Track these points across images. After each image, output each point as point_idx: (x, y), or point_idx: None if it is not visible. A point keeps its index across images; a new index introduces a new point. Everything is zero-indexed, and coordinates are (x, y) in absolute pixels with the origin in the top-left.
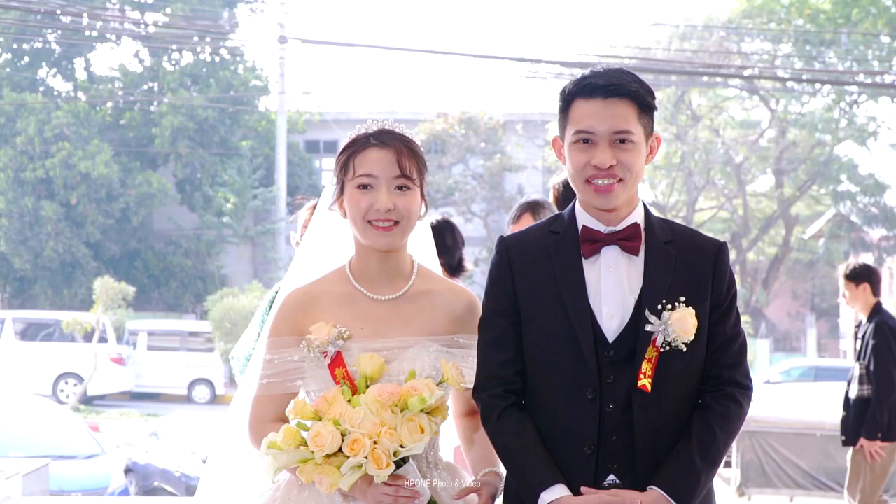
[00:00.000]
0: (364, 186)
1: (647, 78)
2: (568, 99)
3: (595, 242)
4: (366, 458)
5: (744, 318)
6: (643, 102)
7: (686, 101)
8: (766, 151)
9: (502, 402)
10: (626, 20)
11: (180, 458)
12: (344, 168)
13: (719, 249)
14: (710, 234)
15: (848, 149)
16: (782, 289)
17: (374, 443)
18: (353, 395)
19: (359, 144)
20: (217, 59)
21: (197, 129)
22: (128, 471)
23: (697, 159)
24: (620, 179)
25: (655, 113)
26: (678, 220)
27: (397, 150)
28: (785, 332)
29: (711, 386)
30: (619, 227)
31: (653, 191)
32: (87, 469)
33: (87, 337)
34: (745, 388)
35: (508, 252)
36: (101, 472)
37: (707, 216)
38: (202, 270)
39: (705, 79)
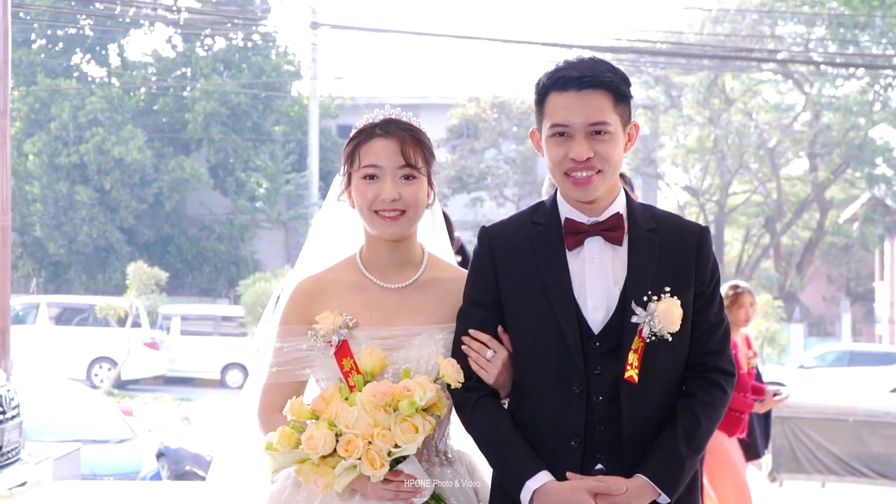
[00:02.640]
0: (370, 177)
1: (679, 62)
2: (542, 92)
3: (578, 234)
4: (360, 458)
5: (777, 303)
6: (618, 92)
7: (719, 84)
8: (800, 135)
9: (475, 394)
10: (659, 4)
11: (212, 442)
12: (350, 159)
13: (701, 234)
14: (743, 218)
15: (882, 132)
16: (817, 273)
17: (369, 443)
18: (351, 391)
19: (364, 135)
20: (249, 44)
21: (229, 114)
22: (160, 455)
23: (731, 143)
24: (599, 171)
25: (685, 98)
26: (712, 205)
27: (401, 140)
28: (819, 317)
29: (696, 373)
30: (601, 218)
31: (686, 175)
32: (118, 453)
33: (121, 322)
34: (729, 374)
35: (490, 242)
36: (132, 456)
37: (741, 200)
38: (235, 255)
39: (738, 62)
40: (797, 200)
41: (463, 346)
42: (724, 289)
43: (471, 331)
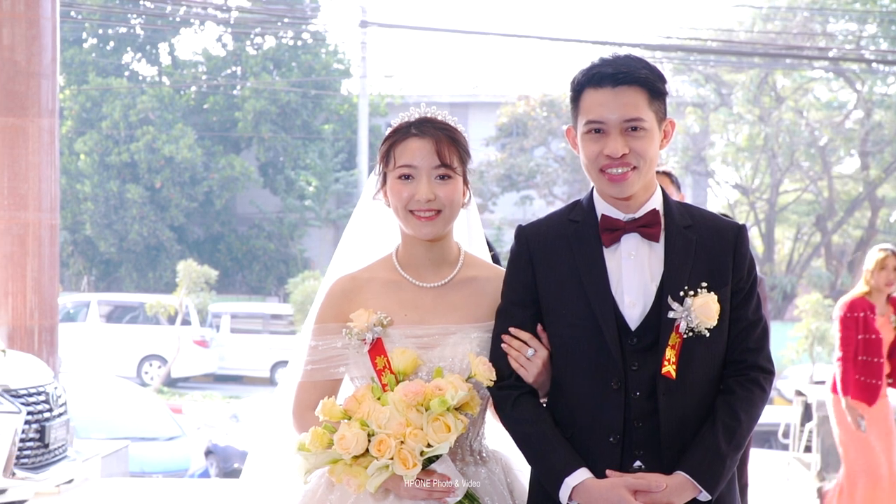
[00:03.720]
0: (405, 177)
1: (729, 60)
2: (578, 89)
3: (615, 231)
4: (392, 458)
5: (827, 302)
6: (653, 88)
7: (770, 82)
8: (851, 133)
9: (516, 391)
10: (709, 2)
11: (250, 439)
12: (385, 158)
13: (739, 232)
14: (794, 217)
15: None
16: None
17: (401, 443)
18: (383, 391)
19: (399, 134)
20: (299, 43)
21: (279, 112)
22: (208, 453)
23: (781, 141)
24: (634, 167)
25: (736, 96)
26: (762, 203)
27: (437, 140)
28: None
29: (735, 370)
30: (638, 215)
31: (736, 173)
32: (167, 451)
33: (171, 319)
34: (768, 372)
35: (528, 242)
36: (181, 454)
37: (791, 198)
38: (284, 253)
39: (789, 60)
40: (848, 199)
41: (503, 345)
42: (871, 251)
43: (511, 329)
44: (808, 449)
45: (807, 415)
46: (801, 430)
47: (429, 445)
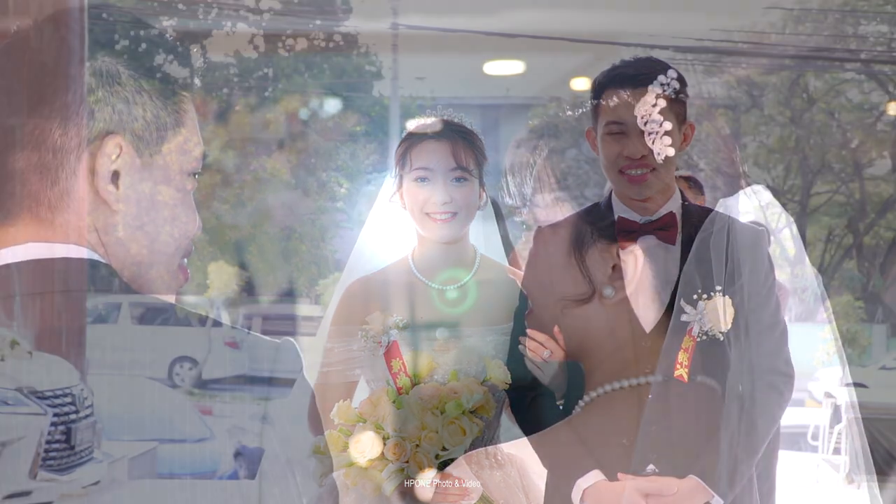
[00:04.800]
0: (421, 179)
1: (760, 62)
2: (598, 90)
3: (631, 233)
4: (407, 462)
5: (858, 304)
6: (675, 90)
7: (801, 84)
8: (883, 135)
9: (532, 393)
10: (740, 4)
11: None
12: (402, 161)
13: (757, 235)
14: (826, 219)
15: None
16: None
17: (417, 446)
18: (398, 394)
19: (416, 137)
20: (331, 45)
21: (311, 114)
22: (237, 455)
23: (813, 143)
24: (654, 169)
25: (767, 97)
26: (794, 205)
27: (453, 142)
28: None
29: (753, 374)
30: (654, 217)
31: (768, 175)
32: (196, 452)
33: (202, 321)
34: (786, 375)
35: (546, 243)
36: (210, 455)
37: (823, 200)
38: (316, 255)
39: (820, 62)
40: (880, 200)
41: (519, 346)
42: None
43: (528, 330)
44: (836, 451)
45: (836, 417)
46: (830, 432)
47: (444, 449)
